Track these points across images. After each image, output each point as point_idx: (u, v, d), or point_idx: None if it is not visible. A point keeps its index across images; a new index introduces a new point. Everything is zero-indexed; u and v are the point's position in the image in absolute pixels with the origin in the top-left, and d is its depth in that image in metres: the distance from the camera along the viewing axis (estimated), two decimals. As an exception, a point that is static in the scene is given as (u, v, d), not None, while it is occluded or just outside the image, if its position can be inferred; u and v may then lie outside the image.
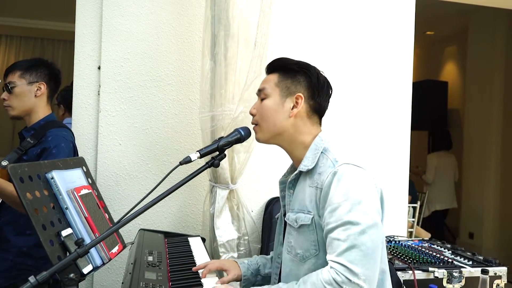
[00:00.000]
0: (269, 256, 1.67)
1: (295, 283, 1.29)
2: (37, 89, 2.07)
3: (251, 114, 1.49)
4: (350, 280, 1.17)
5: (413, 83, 2.90)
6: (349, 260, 1.18)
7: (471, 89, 5.73)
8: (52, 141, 1.96)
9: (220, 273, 1.61)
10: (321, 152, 1.39)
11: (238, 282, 1.61)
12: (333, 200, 1.26)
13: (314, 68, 1.48)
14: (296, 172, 1.43)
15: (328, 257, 1.25)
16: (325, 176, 1.30)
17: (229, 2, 2.11)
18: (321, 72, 1.49)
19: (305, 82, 1.44)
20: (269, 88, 1.45)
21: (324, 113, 1.51)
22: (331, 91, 1.50)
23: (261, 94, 1.47)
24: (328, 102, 1.51)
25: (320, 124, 1.50)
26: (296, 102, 1.42)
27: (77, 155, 2.13)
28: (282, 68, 1.47)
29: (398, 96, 2.83)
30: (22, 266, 1.96)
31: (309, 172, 1.39)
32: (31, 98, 2.07)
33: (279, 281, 1.46)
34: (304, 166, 1.39)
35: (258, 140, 1.50)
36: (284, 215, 1.49)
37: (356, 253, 1.19)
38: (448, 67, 6.63)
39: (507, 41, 5.22)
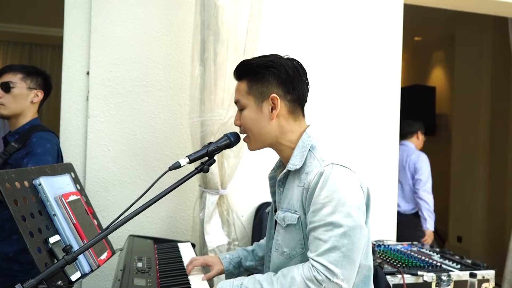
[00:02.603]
0: (250, 248, 1.70)
1: (272, 274, 1.32)
2: (34, 96, 2.11)
3: (236, 125, 1.49)
4: (330, 280, 1.21)
5: (402, 88, 2.94)
6: (329, 261, 1.22)
7: (459, 94, 5.79)
8: (37, 142, 1.97)
9: (206, 269, 1.64)
10: (309, 150, 1.39)
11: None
12: (317, 201, 1.28)
13: (279, 61, 1.40)
14: (284, 171, 1.44)
15: (310, 254, 1.27)
16: (312, 176, 1.31)
17: (219, 8, 2.11)
18: (288, 62, 1.41)
19: (275, 81, 1.39)
20: (243, 99, 1.43)
21: (305, 102, 1.47)
22: (306, 75, 1.45)
23: (238, 105, 1.46)
24: (307, 87, 1.46)
25: (303, 115, 1.47)
26: (273, 103, 1.39)
27: (62, 159, 2.12)
28: (248, 73, 1.43)
29: (386, 101, 2.86)
30: (8, 271, 1.93)
31: (297, 171, 1.39)
32: (27, 102, 2.09)
33: None
34: (292, 165, 1.39)
35: (250, 150, 1.50)
36: (275, 211, 1.50)
37: (336, 255, 1.22)
38: (436, 73, 6.69)
39: (493, 46, 5.28)
